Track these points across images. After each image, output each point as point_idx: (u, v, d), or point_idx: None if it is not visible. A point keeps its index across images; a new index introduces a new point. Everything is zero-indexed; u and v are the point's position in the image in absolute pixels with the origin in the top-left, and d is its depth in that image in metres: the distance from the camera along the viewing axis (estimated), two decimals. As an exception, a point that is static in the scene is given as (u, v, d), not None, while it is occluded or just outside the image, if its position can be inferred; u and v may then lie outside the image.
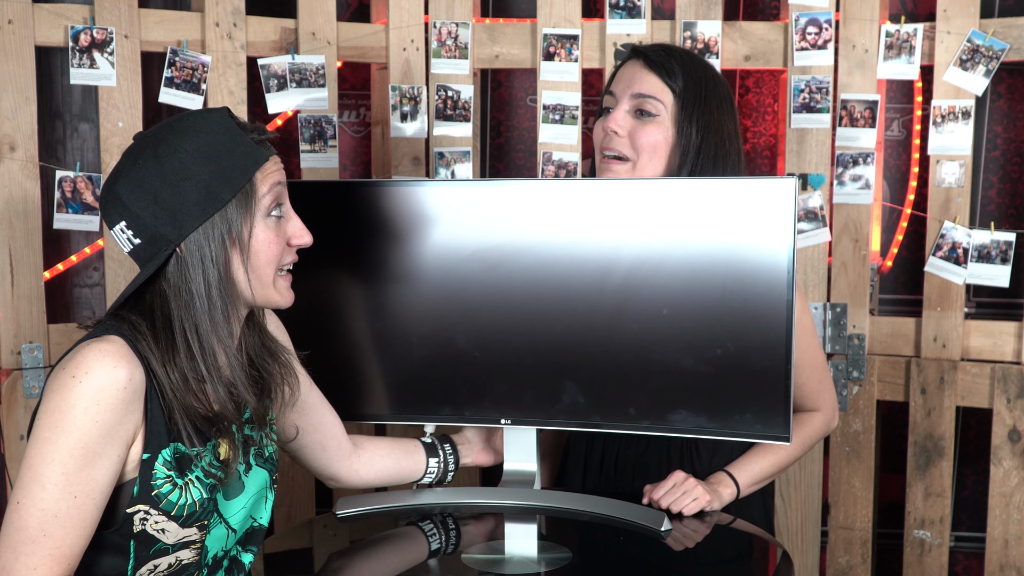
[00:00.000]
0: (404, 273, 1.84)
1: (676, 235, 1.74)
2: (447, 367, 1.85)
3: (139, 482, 1.28)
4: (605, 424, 1.81)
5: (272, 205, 1.36)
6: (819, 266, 2.52)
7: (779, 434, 1.73)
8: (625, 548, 1.76)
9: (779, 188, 1.70)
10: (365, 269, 1.86)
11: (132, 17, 2.33)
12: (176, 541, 1.32)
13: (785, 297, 1.69)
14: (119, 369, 1.24)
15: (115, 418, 1.24)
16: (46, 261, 2.32)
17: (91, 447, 1.22)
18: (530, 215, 1.80)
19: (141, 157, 1.30)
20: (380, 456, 1.81)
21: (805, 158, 2.52)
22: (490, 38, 2.56)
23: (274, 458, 1.51)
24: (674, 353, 1.75)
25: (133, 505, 1.28)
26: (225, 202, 1.30)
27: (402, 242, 1.83)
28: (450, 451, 1.88)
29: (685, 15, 2.51)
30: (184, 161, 1.29)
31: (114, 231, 1.32)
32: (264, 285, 1.37)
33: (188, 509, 1.31)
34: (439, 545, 1.76)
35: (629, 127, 1.82)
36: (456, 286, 1.82)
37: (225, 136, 1.32)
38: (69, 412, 1.22)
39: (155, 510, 1.29)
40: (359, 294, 1.87)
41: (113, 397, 1.23)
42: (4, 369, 2.27)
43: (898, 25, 2.46)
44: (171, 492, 1.30)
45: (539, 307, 1.79)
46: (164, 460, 1.29)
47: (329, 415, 1.73)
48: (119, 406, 1.24)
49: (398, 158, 2.53)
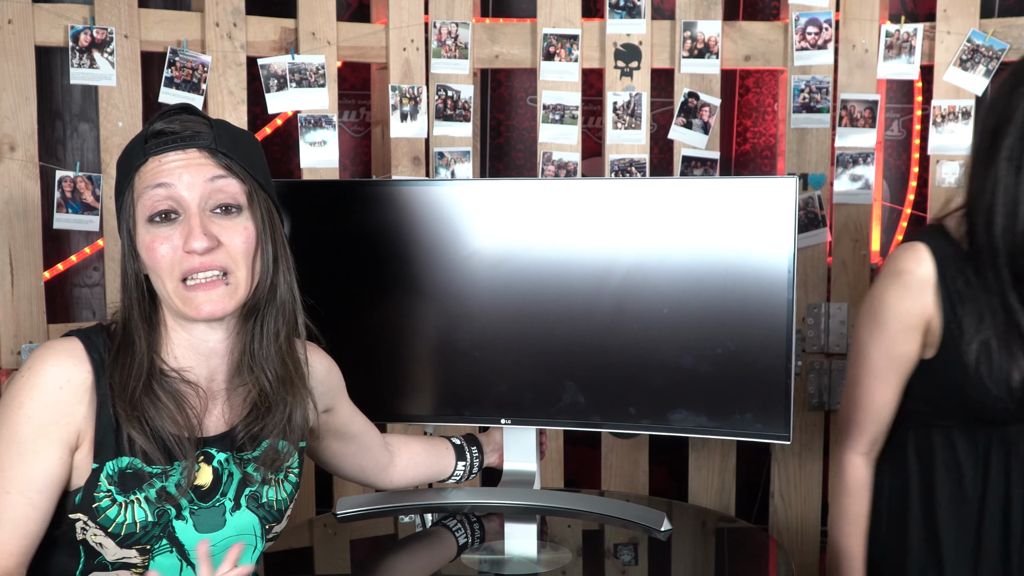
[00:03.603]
0: (404, 273, 1.84)
1: (677, 235, 1.74)
2: (447, 367, 1.85)
3: (83, 491, 1.24)
4: (605, 424, 1.81)
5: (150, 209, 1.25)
6: (819, 266, 2.51)
7: (779, 434, 1.73)
8: (625, 548, 1.75)
9: (780, 188, 1.70)
10: (365, 269, 1.86)
11: (132, 17, 2.33)
12: (115, 559, 1.26)
13: (786, 296, 1.69)
14: (57, 368, 1.22)
15: (48, 416, 1.21)
16: (46, 261, 2.32)
17: (23, 441, 1.20)
18: (530, 215, 1.80)
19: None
20: (414, 464, 1.80)
21: (805, 158, 2.51)
22: (490, 38, 2.56)
23: (275, 507, 1.37)
24: (674, 352, 1.75)
25: (75, 512, 1.25)
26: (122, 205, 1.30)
27: (402, 242, 1.83)
28: (476, 455, 1.88)
29: (685, 15, 2.51)
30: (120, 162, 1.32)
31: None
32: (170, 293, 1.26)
33: (127, 529, 1.24)
34: (440, 545, 1.76)
35: None
36: (456, 286, 1.82)
37: (133, 142, 1.31)
38: (6, 405, 1.21)
39: (93, 523, 1.24)
40: (359, 294, 1.87)
41: (46, 395, 1.21)
42: (4, 369, 2.26)
43: (898, 25, 2.45)
44: (109, 508, 1.24)
45: (539, 307, 1.79)
46: (108, 474, 1.24)
47: (371, 438, 1.69)
48: (53, 405, 1.21)
49: (398, 158, 2.53)
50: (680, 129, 2.53)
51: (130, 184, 1.28)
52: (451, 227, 1.82)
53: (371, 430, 1.70)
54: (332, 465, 1.68)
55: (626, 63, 2.52)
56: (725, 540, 1.87)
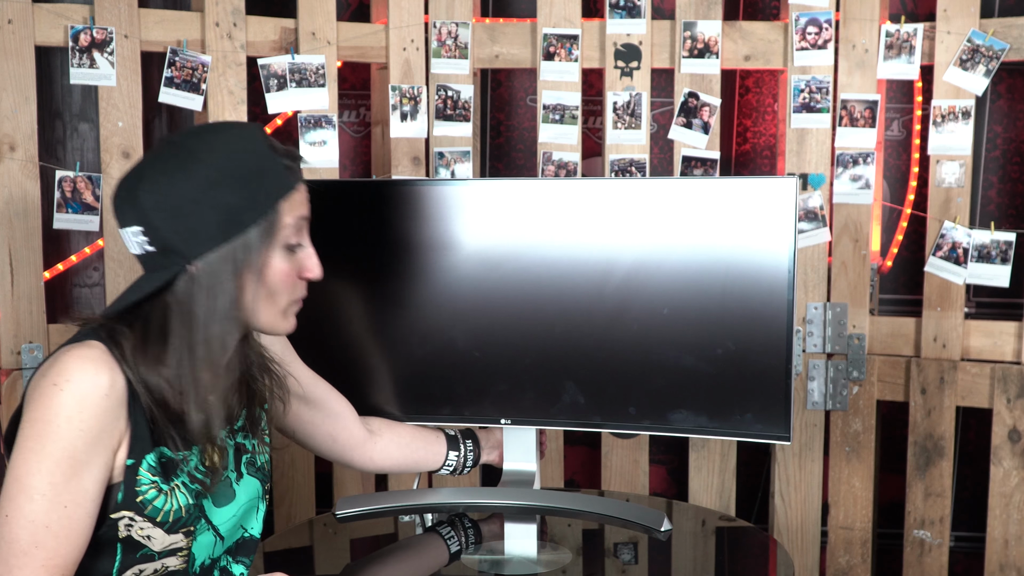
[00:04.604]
0: (404, 273, 1.84)
1: (677, 235, 1.74)
2: (447, 367, 1.85)
3: (123, 488, 1.26)
4: (606, 424, 1.81)
5: (293, 237, 1.32)
6: (819, 266, 2.51)
7: (779, 434, 1.73)
8: (625, 548, 1.75)
9: (779, 188, 1.70)
10: (365, 269, 1.86)
11: (132, 17, 2.33)
12: (163, 548, 1.30)
13: (786, 297, 1.69)
14: (100, 375, 1.22)
15: (99, 425, 1.21)
16: (46, 261, 2.32)
17: (78, 455, 1.20)
18: (530, 214, 1.80)
19: (169, 166, 1.25)
20: (397, 445, 1.82)
21: (805, 158, 2.52)
22: (490, 38, 2.56)
23: (266, 468, 1.48)
24: (675, 353, 1.75)
25: (117, 511, 1.26)
26: (247, 227, 1.26)
27: (402, 242, 1.83)
28: (471, 447, 1.88)
29: (685, 15, 2.51)
30: (212, 179, 1.24)
31: (125, 231, 1.27)
32: (273, 315, 1.33)
33: (174, 515, 1.29)
34: (438, 547, 1.76)
35: None
36: (456, 286, 1.82)
37: (255, 158, 1.27)
38: (53, 421, 1.19)
39: (140, 516, 1.27)
40: (359, 294, 1.87)
41: (96, 404, 1.21)
42: (4, 369, 2.27)
43: (898, 25, 2.45)
44: (156, 498, 1.27)
45: (539, 306, 1.79)
46: (148, 466, 1.27)
47: (339, 405, 1.73)
48: (103, 413, 1.22)
49: (398, 158, 2.53)
50: (680, 129, 2.53)
51: (275, 208, 1.28)
52: (451, 227, 1.82)
53: (338, 399, 1.73)
54: (304, 436, 1.71)
55: (626, 63, 2.52)
56: (725, 540, 1.87)
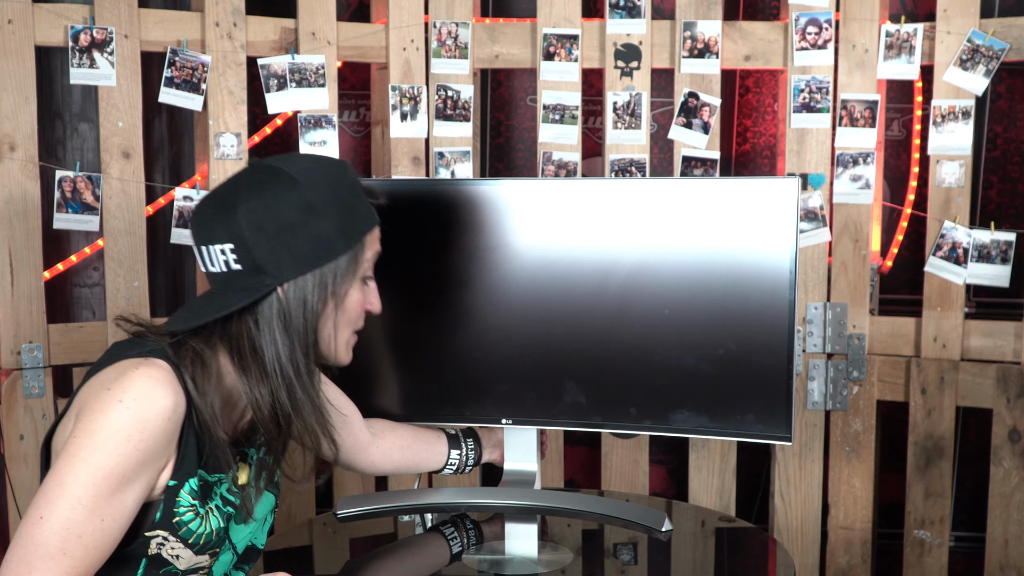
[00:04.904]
0: (404, 273, 1.83)
1: (678, 235, 1.74)
2: (447, 366, 1.85)
3: (163, 508, 1.26)
4: (606, 424, 1.81)
5: (368, 270, 1.38)
6: (819, 266, 2.52)
7: (780, 434, 1.73)
8: (625, 548, 1.75)
9: (781, 188, 1.70)
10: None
11: (132, 17, 2.33)
12: (188, 567, 1.31)
13: (787, 297, 1.69)
14: (166, 398, 1.21)
15: (155, 447, 1.21)
16: (46, 261, 2.32)
17: (127, 473, 1.19)
18: (530, 215, 1.80)
19: (267, 188, 1.27)
20: (399, 448, 1.82)
21: (805, 158, 2.52)
22: (490, 38, 2.56)
23: (278, 482, 1.50)
24: (676, 353, 1.75)
25: (153, 529, 1.26)
26: (338, 255, 1.31)
27: (402, 242, 1.83)
28: (472, 446, 1.88)
29: (685, 15, 2.51)
30: (312, 204, 1.27)
31: (211, 248, 1.28)
32: (339, 343, 1.37)
33: (205, 538, 1.30)
34: (439, 547, 1.76)
35: None
36: (456, 286, 1.82)
37: (350, 191, 1.33)
38: (112, 437, 1.18)
39: (174, 537, 1.27)
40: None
41: (157, 427, 1.21)
42: (4, 369, 2.26)
43: (898, 25, 2.45)
44: (192, 521, 1.28)
45: (540, 307, 1.79)
46: (190, 489, 1.28)
47: (347, 408, 1.74)
48: (161, 435, 1.22)
49: (398, 158, 2.53)
50: (680, 129, 2.53)
51: (361, 241, 1.35)
52: (451, 227, 1.82)
53: (347, 403, 1.73)
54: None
55: (626, 63, 2.52)
56: (725, 540, 1.87)
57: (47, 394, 2.30)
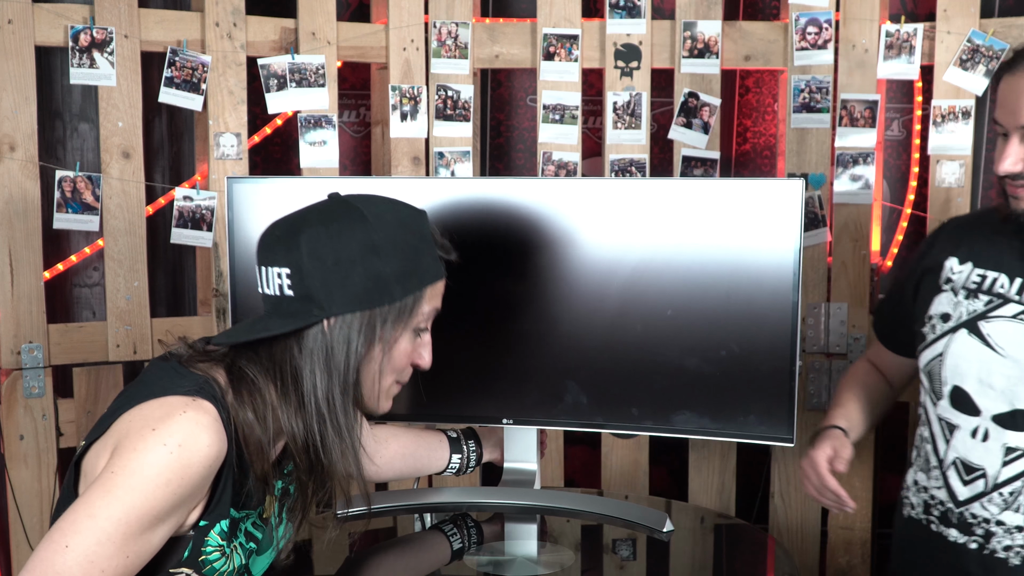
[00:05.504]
0: (405, 273, 1.83)
1: (681, 236, 1.74)
2: (448, 366, 1.84)
3: (191, 546, 1.25)
4: (607, 424, 1.81)
5: (423, 322, 1.35)
6: (819, 266, 2.51)
7: (783, 435, 1.73)
8: (625, 548, 1.75)
9: (786, 189, 1.70)
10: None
11: (132, 17, 2.33)
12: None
13: (791, 299, 1.69)
14: (212, 447, 1.19)
15: (192, 492, 1.20)
16: (46, 261, 2.32)
17: (160, 515, 1.18)
18: (532, 214, 1.80)
19: (335, 220, 1.26)
20: (402, 456, 1.82)
21: (805, 158, 2.52)
22: (490, 38, 2.56)
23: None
24: (678, 354, 1.75)
25: (178, 567, 1.25)
26: (392, 301, 1.28)
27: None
28: (473, 447, 1.88)
29: (685, 15, 2.51)
30: (375, 243, 1.26)
31: (269, 270, 1.27)
32: (380, 391, 1.34)
33: (227, 574, 1.29)
34: (439, 546, 1.76)
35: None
36: (456, 286, 1.82)
37: (419, 239, 1.31)
38: (151, 479, 1.16)
39: (197, 574, 1.26)
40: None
41: (197, 473, 1.19)
42: (4, 369, 2.26)
43: (898, 25, 2.45)
44: (217, 560, 1.27)
45: (542, 306, 1.79)
46: (220, 530, 1.27)
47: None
48: (200, 481, 1.20)
49: (398, 158, 2.53)
50: (680, 129, 2.53)
51: (421, 292, 1.32)
52: (451, 227, 1.82)
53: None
54: None
55: (626, 63, 2.52)
56: (725, 540, 1.87)
57: (47, 394, 2.30)
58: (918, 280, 1.78)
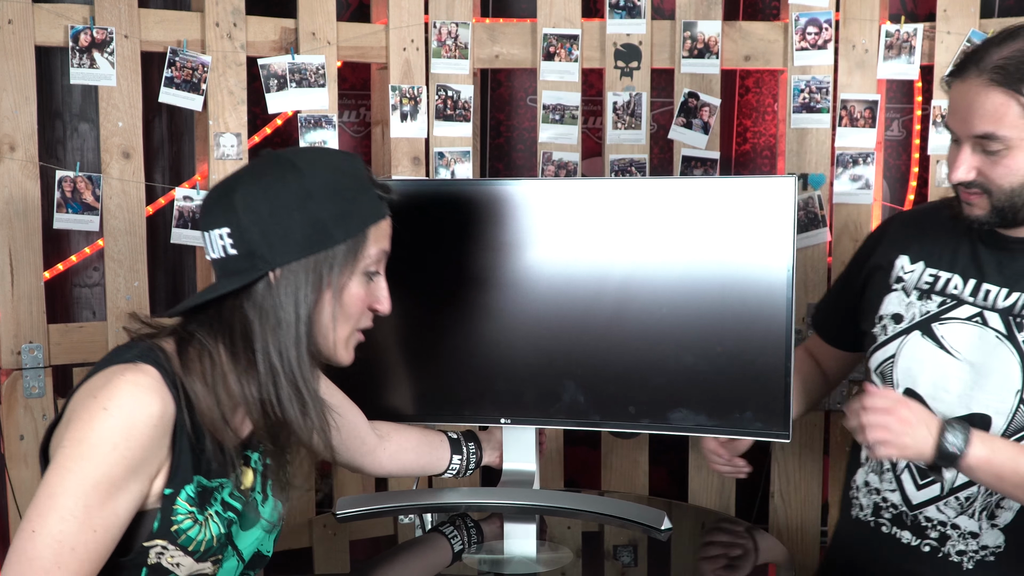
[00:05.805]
0: (403, 273, 1.83)
1: (677, 234, 1.74)
2: (446, 366, 1.85)
3: (160, 517, 1.24)
4: (605, 423, 1.81)
5: (373, 265, 1.33)
6: (819, 266, 2.51)
7: (778, 432, 1.73)
8: (625, 548, 1.75)
9: (780, 187, 1.70)
10: (365, 269, 1.85)
11: (132, 17, 2.33)
12: (189, 575, 1.29)
13: (785, 295, 1.69)
14: (152, 404, 1.20)
15: (143, 454, 1.20)
16: (46, 261, 2.32)
17: (116, 481, 1.18)
18: (531, 215, 1.80)
19: (267, 173, 1.26)
20: (405, 451, 1.82)
21: (805, 158, 2.51)
22: (490, 38, 2.56)
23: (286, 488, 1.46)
24: (674, 352, 1.75)
25: (151, 539, 1.25)
26: (334, 244, 1.27)
27: (401, 242, 1.83)
28: (473, 450, 1.88)
29: (685, 15, 2.51)
30: (309, 190, 1.25)
31: (211, 234, 1.27)
32: (338, 339, 1.32)
33: (206, 545, 1.28)
34: (439, 548, 1.76)
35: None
36: (456, 286, 1.82)
37: (355, 181, 1.30)
38: (97, 445, 1.16)
39: (173, 545, 1.26)
40: (359, 294, 1.86)
41: (143, 433, 1.19)
42: (4, 369, 2.27)
43: (898, 25, 2.45)
44: (191, 528, 1.27)
45: (539, 306, 1.79)
46: (187, 496, 1.26)
47: (351, 414, 1.72)
48: (148, 442, 1.20)
49: (398, 158, 2.53)
50: (680, 129, 2.53)
51: (364, 233, 1.30)
52: (451, 227, 1.82)
53: (351, 407, 1.72)
54: None
55: (626, 63, 2.53)
56: (725, 540, 1.87)
57: (47, 394, 2.31)
58: (866, 276, 1.76)
